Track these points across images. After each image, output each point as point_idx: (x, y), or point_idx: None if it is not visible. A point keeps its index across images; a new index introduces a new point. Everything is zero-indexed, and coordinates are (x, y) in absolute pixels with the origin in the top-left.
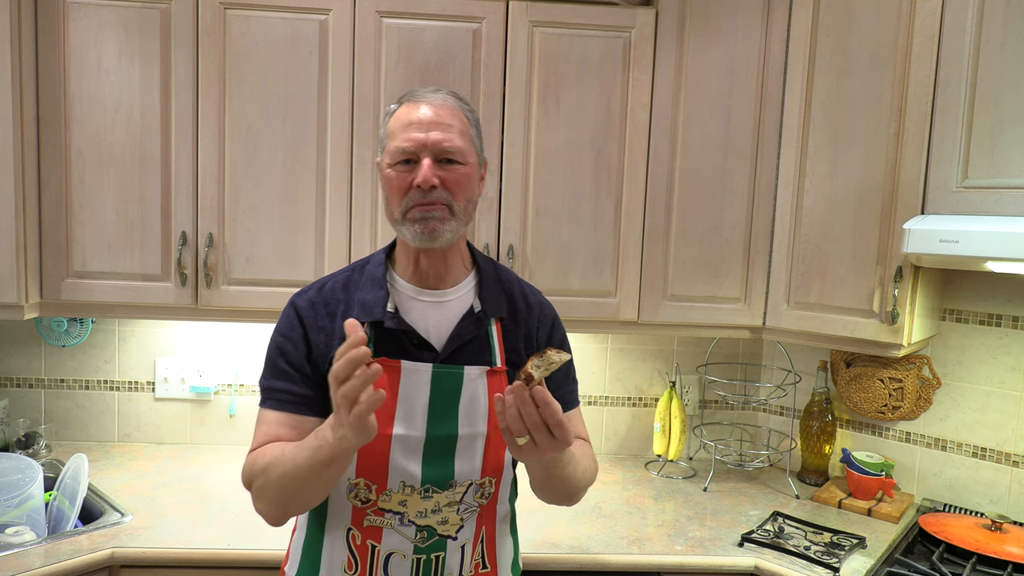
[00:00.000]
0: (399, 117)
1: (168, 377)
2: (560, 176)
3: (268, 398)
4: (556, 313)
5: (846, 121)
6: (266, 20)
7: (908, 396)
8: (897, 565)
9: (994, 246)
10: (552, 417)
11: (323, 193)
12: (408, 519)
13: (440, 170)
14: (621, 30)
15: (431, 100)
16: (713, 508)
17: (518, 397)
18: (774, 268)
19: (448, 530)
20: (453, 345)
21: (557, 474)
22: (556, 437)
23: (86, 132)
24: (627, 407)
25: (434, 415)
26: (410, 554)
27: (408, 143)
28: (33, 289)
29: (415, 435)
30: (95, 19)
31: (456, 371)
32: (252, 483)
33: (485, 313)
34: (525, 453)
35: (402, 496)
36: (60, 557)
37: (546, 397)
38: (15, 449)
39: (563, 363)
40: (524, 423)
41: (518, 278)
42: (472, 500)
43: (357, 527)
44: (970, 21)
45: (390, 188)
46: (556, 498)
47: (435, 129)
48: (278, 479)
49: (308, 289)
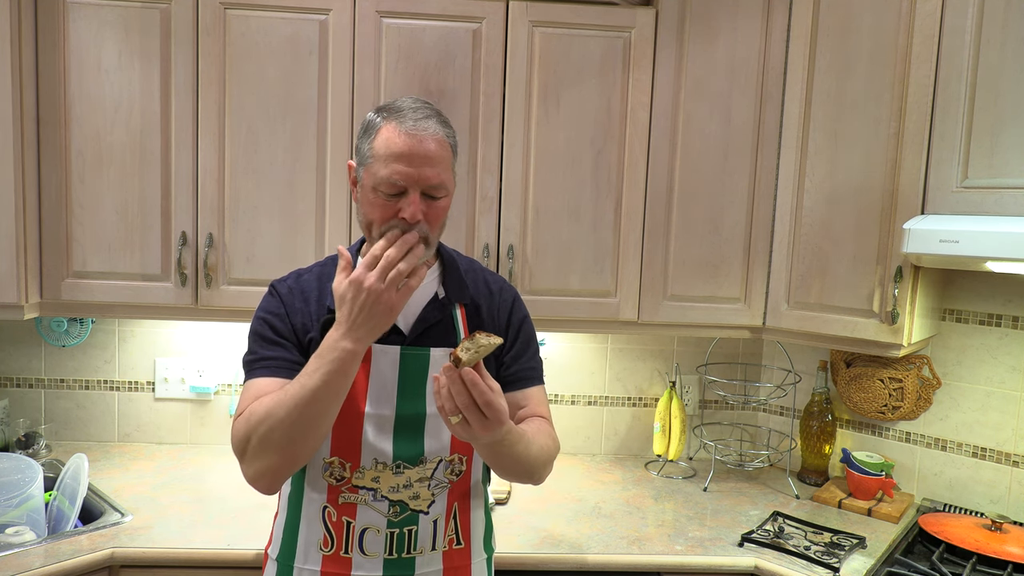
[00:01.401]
0: (388, 141)
1: (168, 377)
2: (560, 176)
3: (259, 367)
4: (516, 293)
5: (846, 121)
6: (266, 20)
7: (908, 396)
8: (897, 565)
9: (994, 246)
10: (481, 397)
11: (323, 193)
12: (381, 494)
13: (424, 205)
14: (621, 30)
15: (421, 132)
16: (713, 508)
17: (449, 378)
18: (774, 268)
19: (420, 505)
20: (419, 328)
21: (505, 452)
22: (488, 417)
23: (86, 132)
24: (627, 407)
25: (403, 394)
26: (384, 528)
27: (398, 177)
28: (33, 289)
29: (386, 414)
30: (95, 19)
31: (423, 352)
32: (250, 439)
33: (449, 299)
34: (460, 432)
35: (375, 472)
36: (60, 557)
37: (474, 378)
38: (15, 449)
39: (493, 347)
40: (455, 403)
41: (482, 267)
42: (443, 476)
43: (332, 504)
44: (970, 21)
45: (371, 210)
46: (513, 476)
47: (426, 165)
48: (287, 415)
49: (287, 278)
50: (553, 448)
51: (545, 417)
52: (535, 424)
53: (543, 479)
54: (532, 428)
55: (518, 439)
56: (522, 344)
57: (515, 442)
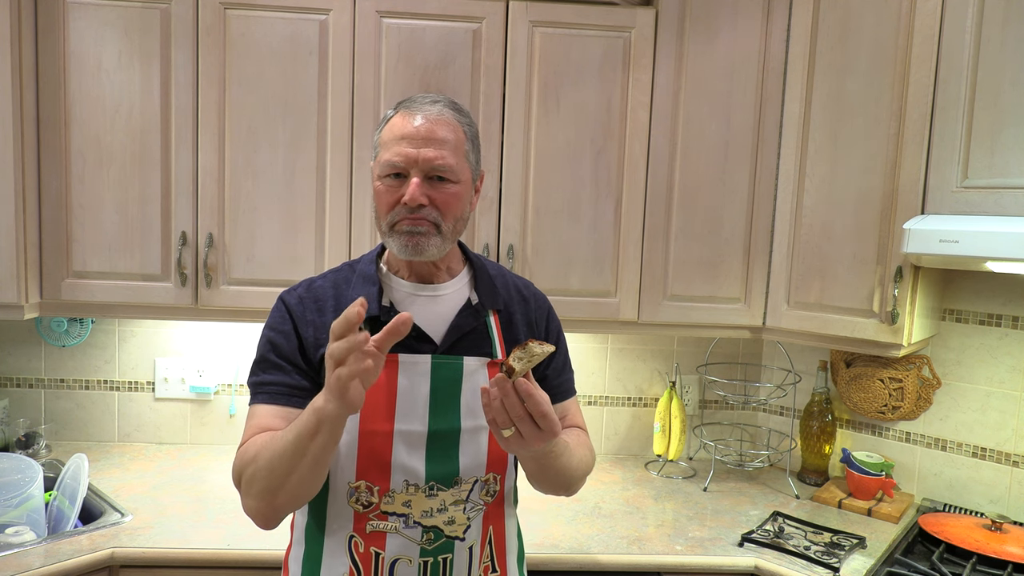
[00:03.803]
0: (393, 127)
1: (168, 377)
2: (560, 176)
3: (259, 392)
4: (550, 304)
5: (846, 121)
6: (266, 20)
7: (908, 396)
8: (897, 565)
9: (994, 246)
10: (536, 408)
11: (323, 193)
12: (413, 520)
13: (430, 188)
14: (621, 30)
15: (427, 112)
16: (713, 508)
17: (501, 389)
18: (774, 268)
19: (455, 530)
20: (452, 337)
21: (551, 465)
22: (542, 428)
23: (86, 132)
24: (627, 407)
25: (436, 408)
26: (416, 558)
27: (398, 158)
28: (33, 289)
29: (417, 430)
30: (95, 19)
31: (456, 361)
32: (241, 475)
33: (483, 305)
34: (512, 445)
35: (406, 496)
36: (60, 557)
37: (529, 389)
38: (15, 449)
39: (545, 355)
40: (508, 415)
41: (509, 272)
42: (478, 498)
43: (359, 534)
44: (970, 21)
45: (379, 201)
46: (552, 488)
47: (428, 145)
48: (266, 463)
49: (297, 287)
50: (591, 460)
51: (583, 428)
52: (575, 435)
53: (578, 491)
54: (573, 440)
55: (563, 450)
56: (561, 358)
57: (560, 453)
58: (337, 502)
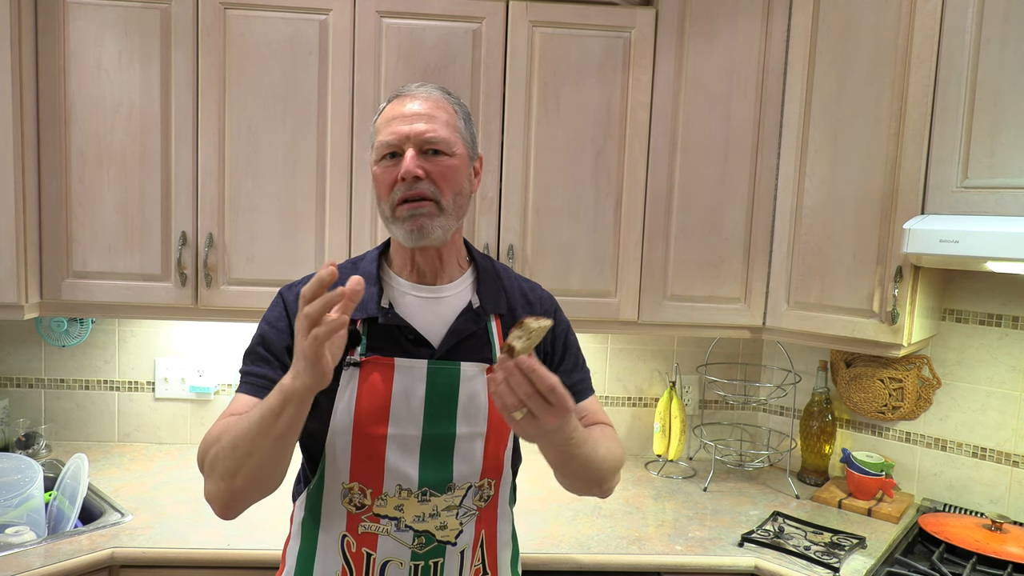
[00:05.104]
0: (385, 114)
1: (168, 377)
2: (560, 176)
3: (243, 382)
4: (557, 304)
5: (846, 121)
6: (266, 20)
7: (908, 396)
8: (897, 565)
9: (994, 246)
10: (542, 382)
11: (323, 193)
12: (405, 524)
13: (425, 162)
14: (621, 30)
15: (415, 93)
16: (713, 508)
17: (505, 369)
18: (774, 268)
19: (447, 535)
20: (451, 341)
21: (574, 454)
22: (552, 403)
23: (86, 132)
24: (627, 407)
25: (431, 414)
26: (407, 561)
27: (392, 136)
28: (33, 289)
29: (411, 434)
30: (95, 19)
31: (452, 367)
32: (205, 457)
33: (484, 309)
34: (526, 427)
35: (398, 500)
36: (60, 557)
37: (532, 364)
38: (15, 449)
39: (545, 330)
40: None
41: (517, 275)
42: (471, 503)
43: (352, 534)
44: (970, 21)
45: (377, 185)
46: (584, 484)
47: (418, 121)
48: (229, 442)
49: (298, 282)
50: (619, 452)
51: (608, 424)
52: (599, 429)
53: (612, 488)
54: (597, 432)
55: (585, 439)
56: (572, 357)
57: (583, 442)
58: (331, 500)
